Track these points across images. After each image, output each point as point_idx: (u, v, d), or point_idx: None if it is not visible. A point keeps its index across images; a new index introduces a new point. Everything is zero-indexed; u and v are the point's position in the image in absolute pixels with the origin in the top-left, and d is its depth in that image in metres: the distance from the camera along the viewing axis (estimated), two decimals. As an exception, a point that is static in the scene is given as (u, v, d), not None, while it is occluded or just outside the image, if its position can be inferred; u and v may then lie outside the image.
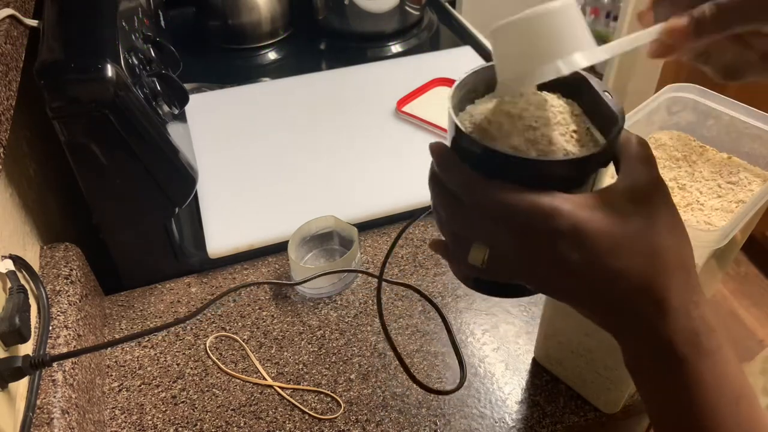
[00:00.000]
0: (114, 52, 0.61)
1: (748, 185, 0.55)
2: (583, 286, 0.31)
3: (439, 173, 0.34)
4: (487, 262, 0.33)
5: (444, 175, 0.33)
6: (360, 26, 1.20)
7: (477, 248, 0.32)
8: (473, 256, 0.33)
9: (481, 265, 0.33)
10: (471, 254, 0.33)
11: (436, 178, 0.34)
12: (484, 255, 0.32)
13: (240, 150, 0.92)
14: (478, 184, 0.31)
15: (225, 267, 0.78)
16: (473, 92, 0.36)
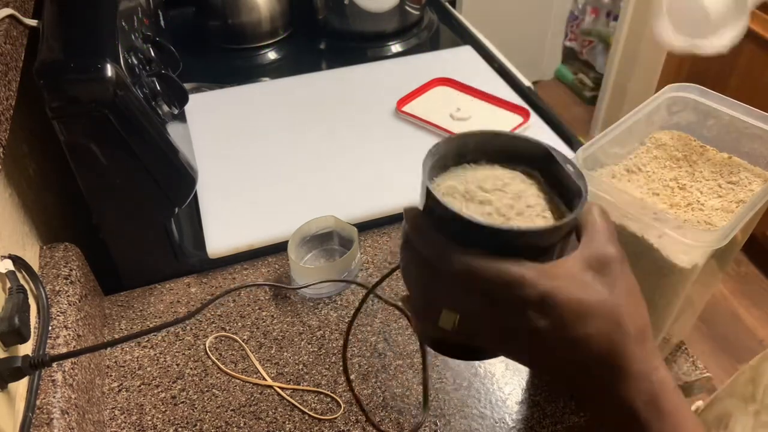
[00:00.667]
0: (114, 52, 0.61)
1: (748, 185, 0.55)
2: (550, 353, 0.32)
3: (412, 238, 0.34)
4: (457, 327, 0.33)
5: (417, 241, 0.34)
6: (360, 26, 1.20)
7: (448, 313, 0.33)
8: (444, 320, 0.34)
9: (451, 329, 0.34)
10: (442, 318, 0.34)
11: (410, 241, 0.35)
12: (455, 320, 0.33)
13: (240, 150, 0.92)
14: (449, 251, 0.32)
15: (225, 267, 0.78)
16: (444, 159, 0.37)
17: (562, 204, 0.36)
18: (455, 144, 0.37)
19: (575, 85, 2.80)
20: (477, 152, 0.38)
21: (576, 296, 0.31)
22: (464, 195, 0.35)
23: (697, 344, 1.76)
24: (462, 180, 0.36)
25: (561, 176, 0.36)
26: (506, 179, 0.36)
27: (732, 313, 1.85)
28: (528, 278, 0.31)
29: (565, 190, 0.35)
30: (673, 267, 0.48)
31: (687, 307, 0.60)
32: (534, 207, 0.35)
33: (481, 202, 0.35)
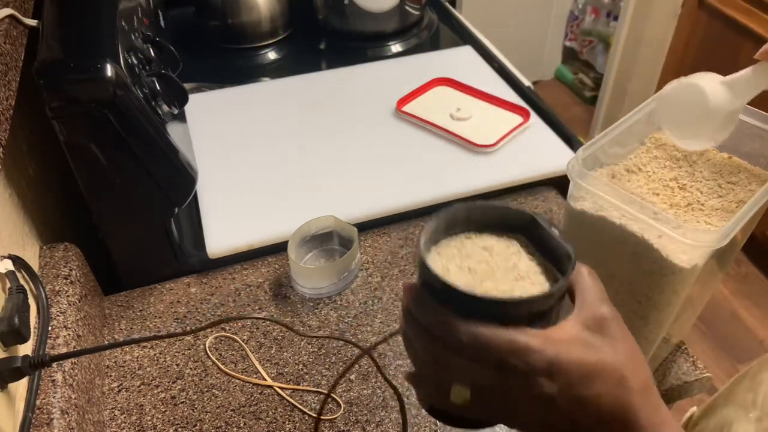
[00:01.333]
0: (113, 52, 0.61)
1: (748, 185, 0.55)
2: (561, 417, 0.33)
3: (415, 314, 0.35)
4: (469, 400, 0.34)
5: (421, 316, 0.34)
6: (360, 26, 1.20)
7: (458, 389, 0.34)
8: (456, 396, 0.34)
9: (464, 403, 0.34)
10: (453, 394, 0.34)
11: (412, 317, 0.35)
12: (467, 394, 0.34)
13: (240, 150, 0.92)
14: (455, 323, 0.32)
15: (225, 267, 0.78)
16: (435, 233, 0.38)
17: (551, 266, 0.37)
18: (444, 219, 0.38)
19: (575, 85, 2.80)
20: (466, 223, 0.39)
21: (581, 358, 0.32)
22: (460, 267, 0.37)
23: (697, 344, 1.76)
24: (456, 251, 0.38)
25: (546, 239, 0.37)
26: (497, 248, 0.38)
27: (732, 313, 1.85)
28: (534, 346, 0.31)
29: (552, 252, 0.37)
30: (673, 267, 0.48)
31: (687, 307, 0.60)
32: (527, 273, 0.36)
33: (476, 272, 0.36)
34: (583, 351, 0.32)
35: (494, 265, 0.37)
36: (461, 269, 0.37)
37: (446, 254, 0.38)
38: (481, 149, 0.89)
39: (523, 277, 0.36)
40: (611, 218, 0.51)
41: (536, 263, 0.38)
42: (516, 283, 0.36)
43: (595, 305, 0.34)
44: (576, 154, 0.52)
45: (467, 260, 0.37)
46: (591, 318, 0.34)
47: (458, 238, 0.39)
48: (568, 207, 0.54)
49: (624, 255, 0.51)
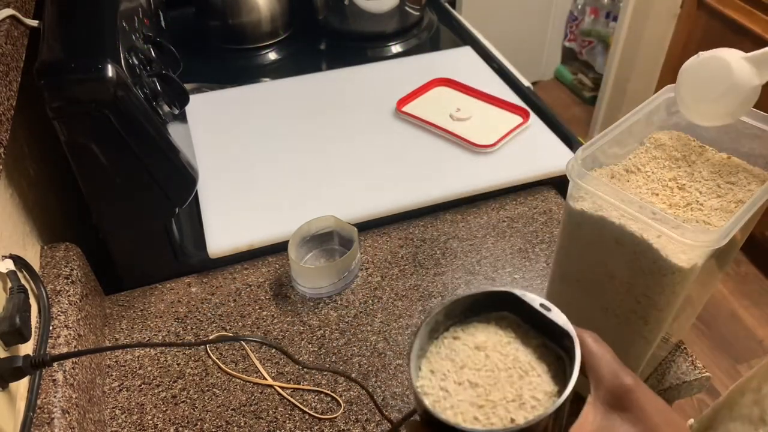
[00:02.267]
0: (114, 52, 0.61)
1: (747, 185, 0.55)
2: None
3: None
4: None
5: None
6: (360, 26, 1.21)
7: None
8: None
9: None
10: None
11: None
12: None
13: (240, 150, 0.92)
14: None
15: (225, 267, 0.78)
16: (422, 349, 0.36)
17: (549, 342, 0.35)
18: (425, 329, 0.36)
19: (575, 86, 2.80)
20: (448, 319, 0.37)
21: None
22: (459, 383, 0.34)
23: (697, 344, 1.76)
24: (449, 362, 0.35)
25: (539, 317, 0.35)
26: (489, 343, 0.36)
27: (731, 313, 1.85)
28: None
29: (544, 326, 0.35)
30: (673, 267, 0.48)
31: (686, 306, 0.60)
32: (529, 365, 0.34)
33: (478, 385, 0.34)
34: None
35: (493, 367, 0.34)
36: (461, 386, 0.34)
37: (439, 369, 0.35)
38: (481, 149, 0.90)
39: (527, 371, 0.34)
40: (610, 218, 0.51)
41: (534, 347, 0.35)
42: (521, 381, 0.33)
43: (612, 378, 0.31)
44: (575, 154, 0.52)
45: (464, 372, 0.34)
46: (611, 394, 0.31)
47: (445, 342, 0.36)
48: (568, 207, 0.54)
49: (623, 255, 0.51)
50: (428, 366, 0.35)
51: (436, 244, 0.80)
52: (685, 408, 1.57)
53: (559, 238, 0.58)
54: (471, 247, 0.80)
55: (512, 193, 0.88)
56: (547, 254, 0.79)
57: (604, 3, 2.59)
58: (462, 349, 0.35)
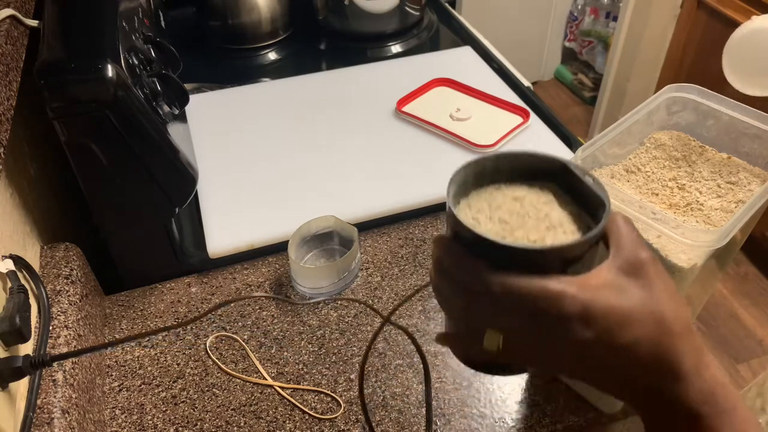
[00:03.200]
0: (114, 52, 0.61)
1: (747, 185, 0.55)
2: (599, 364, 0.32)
3: (447, 266, 0.35)
4: (501, 347, 0.34)
5: (453, 268, 0.34)
6: (360, 26, 1.21)
7: (491, 335, 0.34)
8: (488, 342, 0.34)
9: (496, 351, 0.34)
10: (486, 341, 0.34)
11: (443, 269, 0.35)
12: (499, 341, 0.34)
13: (240, 150, 0.92)
14: (488, 274, 0.32)
15: (225, 267, 0.78)
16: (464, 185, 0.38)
17: (585, 214, 0.37)
18: (473, 169, 0.38)
19: (574, 86, 2.80)
20: (495, 173, 0.39)
21: (616, 303, 0.31)
22: (490, 218, 0.36)
23: (697, 344, 1.76)
24: (486, 204, 0.37)
25: (580, 188, 0.37)
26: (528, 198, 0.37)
27: (731, 313, 1.85)
28: (568, 292, 0.31)
29: (585, 201, 0.36)
30: (673, 267, 0.48)
31: (686, 306, 0.60)
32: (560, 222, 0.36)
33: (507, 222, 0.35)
34: (619, 295, 0.31)
35: (525, 214, 0.36)
36: (491, 220, 0.36)
37: (476, 206, 0.37)
38: (481, 149, 0.90)
39: (555, 226, 0.35)
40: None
41: (569, 212, 0.36)
42: (548, 232, 0.35)
43: (631, 249, 0.33)
44: (575, 154, 0.52)
45: (498, 211, 0.36)
46: (627, 262, 0.33)
47: (488, 190, 0.38)
48: (568, 207, 0.54)
49: (623, 255, 0.51)
50: (467, 202, 0.37)
51: (436, 244, 0.80)
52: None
53: (559, 238, 0.58)
54: (471, 247, 0.80)
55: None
56: (547, 254, 0.79)
57: (604, 3, 2.59)
58: (501, 197, 0.37)
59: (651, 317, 0.32)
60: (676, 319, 0.32)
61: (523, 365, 0.38)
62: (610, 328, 0.31)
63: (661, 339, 0.32)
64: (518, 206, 0.37)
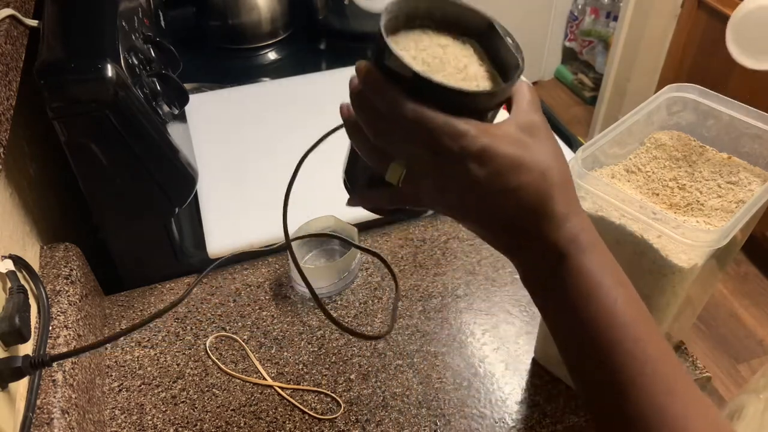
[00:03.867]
0: (114, 52, 0.61)
1: (748, 185, 0.55)
2: (486, 204, 0.36)
3: (366, 92, 0.38)
4: (402, 180, 0.37)
5: (373, 94, 0.37)
6: (360, 26, 1.20)
7: (395, 167, 0.37)
8: (391, 175, 0.37)
9: (397, 183, 0.37)
10: (389, 173, 0.37)
11: (362, 95, 0.38)
12: (401, 173, 0.37)
13: (240, 150, 0.92)
14: (401, 101, 0.35)
15: (225, 267, 0.78)
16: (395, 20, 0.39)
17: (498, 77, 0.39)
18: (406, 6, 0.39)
19: (575, 86, 2.80)
20: (426, 18, 0.40)
21: (510, 151, 0.35)
22: (414, 57, 0.38)
23: (697, 344, 1.76)
24: (413, 43, 0.39)
25: (500, 48, 0.39)
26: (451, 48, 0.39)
27: (731, 313, 1.85)
28: (471, 132, 0.34)
29: (503, 63, 0.39)
30: (673, 267, 0.48)
31: (686, 306, 0.60)
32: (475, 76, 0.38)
33: (428, 64, 0.37)
34: (514, 145, 0.35)
35: (447, 61, 0.38)
36: (415, 59, 0.38)
37: (402, 44, 0.39)
38: (481, 149, 0.89)
39: (470, 79, 0.38)
40: (611, 218, 0.51)
41: (485, 70, 0.39)
42: (463, 82, 0.37)
43: (528, 112, 0.37)
44: (575, 154, 0.52)
45: (422, 53, 0.38)
46: (524, 122, 0.37)
47: (416, 32, 0.40)
48: (568, 207, 0.54)
49: (624, 255, 0.51)
50: (394, 39, 0.39)
51: (436, 244, 0.80)
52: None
53: (559, 238, 0.58)
54: (471, 248, 0.80)
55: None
56: (548, 254, 0.79)
57: (605, 3, 2.59)
58: (427, 41, 0.39)
59: (536, 168, 0.35)
60: (558, 172, 0.36)
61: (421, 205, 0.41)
62: (500, 171, 0.35)
63: (542, 186, 0.36)
64: (441, 52, 0.39)
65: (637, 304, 0.36)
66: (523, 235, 0.37)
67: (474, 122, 0.35)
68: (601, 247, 0.37)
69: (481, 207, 0.37)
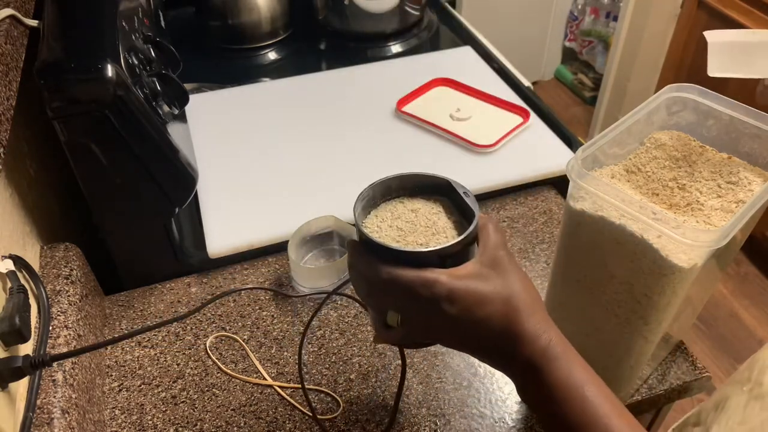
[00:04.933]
0: (114, 52, 0.61)
1: (748, 185, 0.55)
2: (464, 334, 0.42)
3: (352, 262, 0.46)
4: (400, 323, 0.45)
5: (356, 263, 0.45)
6: (360, 26, 1.20)
7: (392, 314, 0.45)
8: (390, 319, 0.45)
9: (396, 325, 0.45)
10: (388, 318, 0.45)
11: (352, 264, 0.46)
12: (398, 318, 0.45)
13: (240, 150, 0.92)
14: (376, 266, 0.42)
15: (225, 267, 0.78)
16: (373, 199, 0.49)
17: (465, 223, 0.46)
18: (380, 187, 0.49)
19: (575, 86, 2.80)
20: (400, 189, 0.49)
21: (474, 288, 0.41)
22: (390, 226, 0.47)
23: (697, 344, 1.76)
24: (389, 213, 0.48)
25: (461, 202, 0.47)
26: (422, 209, 0.48)
27: (731, 313, 1.85)
28: (439, 279, 0.41)
29: (465, 212, 0.47)
30: (673, 267, 0.48)
31: (686, 306, 0.60)
32: (443, 229, 0.46)
33: (402, 230, 0.46)
34: (478, 282, 0.41)
35: (417, 223, 0.47)
36: (391, 227, 0.47)
37: (381, 216, 0.48)
38: (481, 149, 0.90)
39: (440, 232, 0.46)
40: (611, 218, 0.51)
41: (453, 221, 0.47)
42: (433, 237, 0.45)
43: (493, 249, 0.43)
44: (575, 154, 0.52)
45: (397, 221, 0.47)
46: (489, 258, 0.43)
47: (393, 202, 0.49)
48: (568, 207, 0.54)
49: (623, 255, 0.51)
50: (375, 213, 0.49)
51: (436, 244, 0.80)
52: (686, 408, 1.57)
53: (559, 238, 0.58)
54: (471, 247, 0.80)
55: (512, 193, 0.88)
56: (548, 254, 0.79)
57: (604, 3, 2.59)
58: (402, 209, 0.48)
59: (501, 299, 0.41)
60: (520, 299, 0.42)
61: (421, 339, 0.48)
62: (468, 306, 0.41)
63: (509, 314, 0.41)
64: (413, 216, 0.47)
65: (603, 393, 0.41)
66: (502, 355, 0.43)
67: (440, 270, 0.41)
68: (570, 354, 0.42)
69: (462, 336, 0.43)
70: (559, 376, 0.41)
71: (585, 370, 0.42)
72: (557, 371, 0.41)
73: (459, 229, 0.46)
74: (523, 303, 0.42)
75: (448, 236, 0.45)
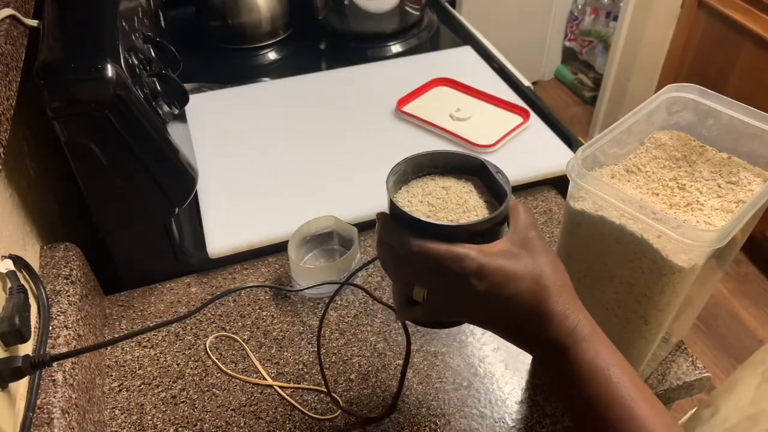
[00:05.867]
0: (114, 52, 0.61)
1: (748, 185, 0.55)
2: (492, 311, 0.43)
3: (382, 235, 0.46)
4: (426, 299, 0.44)
5: (386, 236, 0.45)
6: (360, 26, 1.20)
7: (418, 289, 0.45)
8: (416, 294, 0.45)
9: (422, 301, 0.45)
10: (414, 293, 0.45)
11: (381, 238, 0.46)
12: (424, 293, 0.44)
13: (240, 150, 0.92)
14: (407, 240, 0.43)
15: (225, 267, 0.78)
16: (404, 174, 0.49)
17: (495, 203, 0.47)
18: (412, 163, 0.49)
19: (575, 85, 2.80)
20: (432, 167, 0.50)
21: (505, 265, 0.41)
22: (421, 201, 0.47)
23: (697, 344, 1.76)
24: (420, 189, 0.48)
25: (493, 181, 0.47)
26: (454, 187, 0.48)
27: (732, 313, 1.85)
28: (470, 255, 0.41)
29: (497, 193, 0.47)
30: (673, 267, 0.48)
31: (686, 306, 0.60)
32: (474, 207, 0.47)
33: (433, 205, 0.47)
34: (507, 260, 0.42)
35: (448, 200, 0.47)
36: (422, 203, 0.47)
37: (413, 191, 0.48)
38: (481, 149, 0.90)
39: (470, 210, 0.46)
40: (611, 218, 0.51)
41: (484, 200, 0.47)
42: (463, 214, 0.46)
43: (524, 229, 0.44)
44: (575, 154, 0.52)
45: (428, 197, 0.48)
46: (518, 238, 0.43)
47: (424, 179, 0.50)
48: (568, 207, 0.54)
49: (623, 255, 0.51)
50: (407, 188, 0.49)
51: (436, 244, 0.80)
52: (686, 408, 1.57)
53: (559, 238, 0.58)
54: (471, 247, 0.80)
55: (512, 192, 0.88)
56: (548, 254, 0.79)
57: (604, 3, 2.59)
58: (433, 185, 0.49)
59: (530, 277, 0.41)
60: (550, 278, 0.42)
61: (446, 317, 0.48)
62: (498, 282, 0.41)
63: (537, 292, 0.41)
64: (444, 193, 0.48)
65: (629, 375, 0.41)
66: (528, 334, 0.43)
67: (470, 246, 0.42)
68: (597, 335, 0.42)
69: (489, 314, 0.43)
70: (585, 357, 0.41)
71: (611, 352, 0.42)
72: (583, 352, 0.41)
73: (490, 209, 0.46)
74: (552, 283, 0.42)
75: (479, 215, 0.46)
